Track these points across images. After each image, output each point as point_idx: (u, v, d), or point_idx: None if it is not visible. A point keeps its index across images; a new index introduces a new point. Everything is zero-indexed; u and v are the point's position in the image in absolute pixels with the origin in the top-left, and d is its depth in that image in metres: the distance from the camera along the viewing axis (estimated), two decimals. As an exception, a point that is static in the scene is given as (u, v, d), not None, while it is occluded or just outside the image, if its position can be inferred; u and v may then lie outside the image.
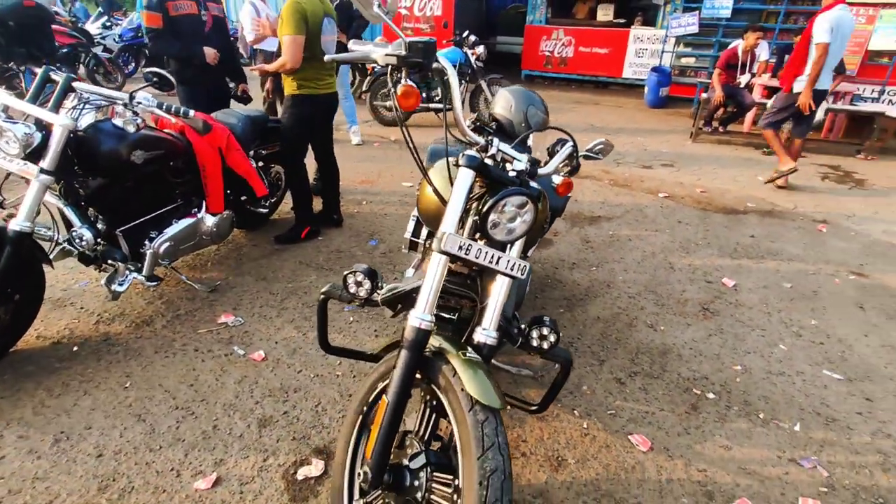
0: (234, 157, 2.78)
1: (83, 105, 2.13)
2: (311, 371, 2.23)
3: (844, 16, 4.53)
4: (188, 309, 2.63)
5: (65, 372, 2.15)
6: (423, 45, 1.28)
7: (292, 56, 2.88)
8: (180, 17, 3.16)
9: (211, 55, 3.20)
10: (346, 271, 1.56)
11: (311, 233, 3.45)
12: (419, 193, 1.65)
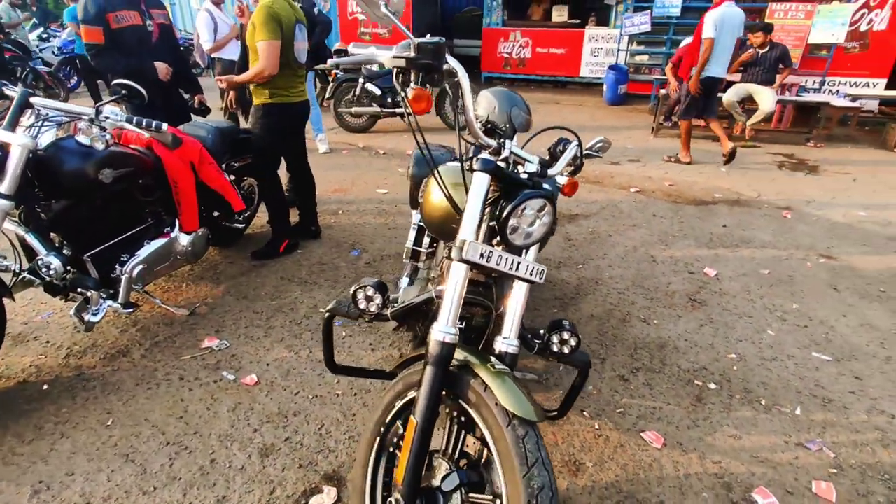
0: (208, 172, 2.63)
1: (41, 122, 1.96)
2: (309, 392, 2.12)
3: (730, 12, 5.12)
4: (167, 335, 2.47)
5: (35, 414, 1.97)
6: (433, 46, 1.22)
7: (271, 63, 2.76)
8: (123, 29, 2.87)
9: (163, 70, 2.98)
10: (355, 286, 1.48)
11: (290, 246, 3.32)
12: (423, 200, 1.59)
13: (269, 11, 2.69)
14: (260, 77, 2.79)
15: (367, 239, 3.59)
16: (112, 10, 2.74)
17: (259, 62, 2.77)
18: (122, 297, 2.20)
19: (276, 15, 2.71)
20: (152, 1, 2.98)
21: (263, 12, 2.69)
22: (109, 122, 1.93)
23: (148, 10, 2.93)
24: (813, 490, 1.69)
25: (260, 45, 2.74)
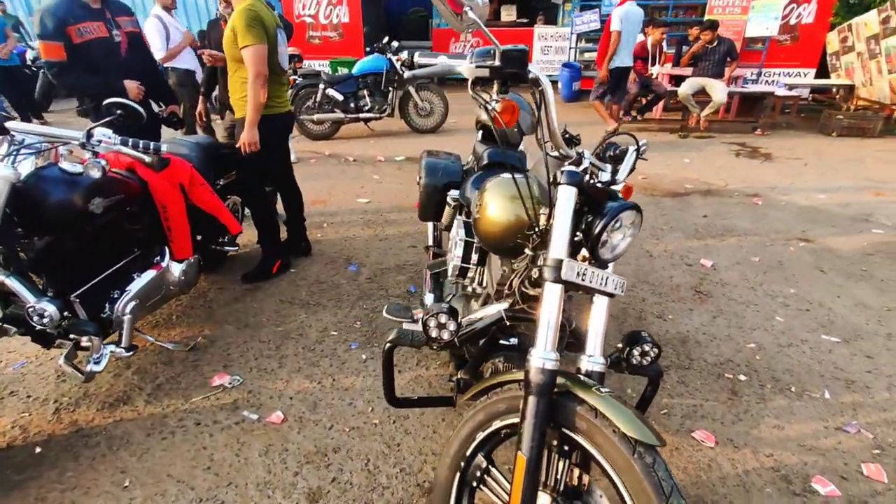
0: (200, 194, 2.42)
1: (17, 149, 1.71)
2: (344, 424, 1.98)
3: (632, 9, 6.11)
4: (168, 376, 2.24)
5: (33, 483, 1.72)
6: (518, 54, 1.14)
7: (263, 66, 2.56)
8: (88, 42, 2.58)
9: (134, 90, 2.69)
10: (424, 315, 1.38)
11: (283, 266, 3.13)
12: (479, 215, 1.50)
13: (252, 14, 2.49)
14: (262, 86, 2.58)
15: (360, 252, 3.44)
16: (74, 22, 2.43)
17: (250, 70, 2.55)
18: (126, 339, 1.96)
19: (259, 17, 2.51)
20: (117, 7, 2.69)
21: (245, 15, 2.48)
22: (103, 146, 1.71)
23: (114, 18, 2.64)
24: (864, 473, 1.75)
25: (246, 52, 2.53)
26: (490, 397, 1.33)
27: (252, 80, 2.58)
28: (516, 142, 2.56)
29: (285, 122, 2.96)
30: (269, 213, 3.04)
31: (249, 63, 2.56)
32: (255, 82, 2.58)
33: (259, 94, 2.61)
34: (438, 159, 2.48)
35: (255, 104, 2.62)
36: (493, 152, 2.38)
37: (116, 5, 2.70)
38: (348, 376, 2.25)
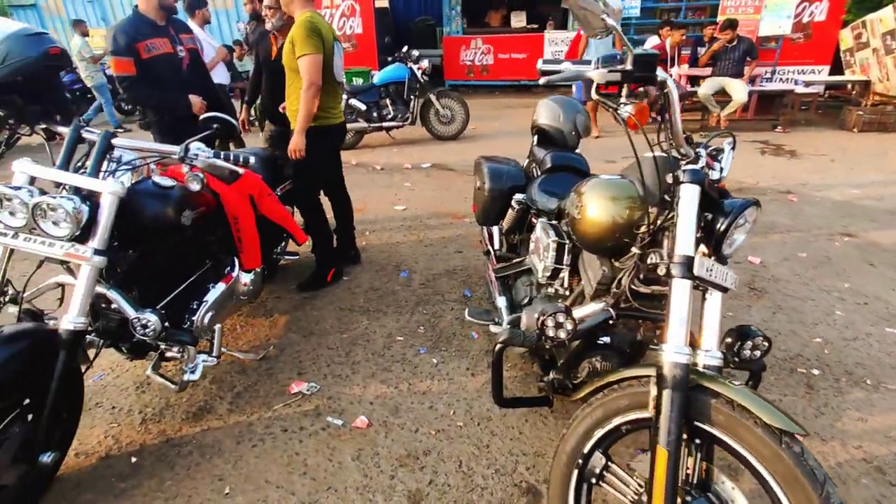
0: (268, 204, 2.46)
1: (117, 164, 1.75)
2: (429, 427, 2.00)
3: None
4: (245, 384, 2.27)
5: (136, 492, 1.75)
6: (650, 58, 1.18)
7: (318, 77, 2.61)
8: (154, 58, 2.73)
9: (198, 104, 2.80)
10: (541, 315, 1.40)
11: (336, 275, 3.16)
12: (579, 216, 1.53)
13: (311, 25, 2.54)
14: (315, 96, 2.63)
15: (408, 259, 3.47)
16: (142, 38, 2.54)
17: (305, 79, 2.59)
18: (217, 348, 2.00)
19: (318, 29, 2.57)
20: (180, 25, 2.77)
21: (305, 26, 2.54)
22: (200, 160, 1.75)
23: (177, 35, 2.72)
24: (958, 462, 1.76)
25: (302, 61, 2.58)
26: (607, 394, 1.35)
27: (305, 88, 2.62)
28: (574, 144, 2.59)
29: (339, 133, 3.01)
30: (323, 222, 3.08)
31: (304, 72, 2.60)
32: (307, 91, 2.63)
33: (311, 104, 2.66)
34: (500, 165, 2.52)
35: (306, 113, 2.67)
36: (555, 155, 2.41)
37: (179, 23, 2.79)
38: (423, 380, 2.27)
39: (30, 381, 1.56)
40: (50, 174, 1.58)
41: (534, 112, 2.70)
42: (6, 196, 1.49)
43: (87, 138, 1.70)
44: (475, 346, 2.50)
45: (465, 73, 11.49)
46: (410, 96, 6.84)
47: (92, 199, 1.61)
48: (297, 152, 2.73)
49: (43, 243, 1.55)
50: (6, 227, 1.54)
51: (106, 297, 1.76)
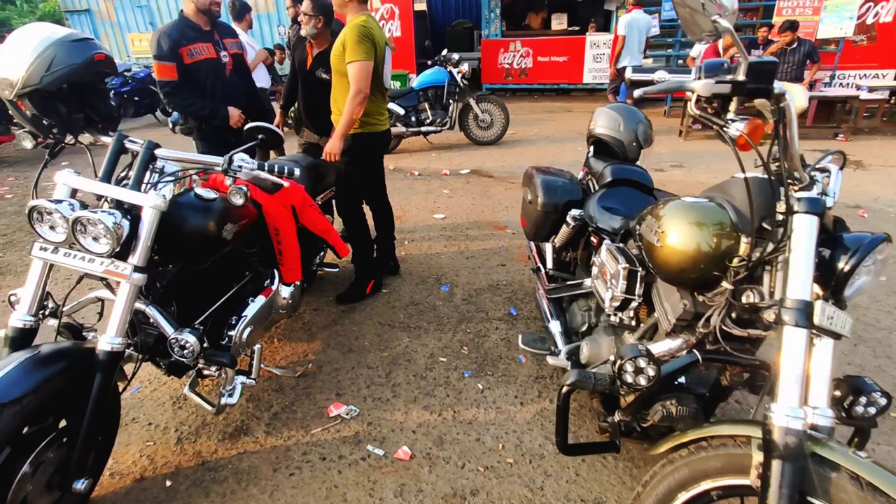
0: (310, 215, 2.36)
1: (159, 175, 1.67)
2: (476, 463, 1.85)
3: (638, 16, 7.03)
4: (283, 404, 2.18)
5: (170, 520, 1.67)
6: (769, 67, 1.01)
7: (367, 84, 2.51)
8: (196, 63, 2.71)
9: (235, 116, 2.76)
10: (619, 359, 1.24)
11: (375, 286, 3.05)
12: (659, 244, 1.36)
13: (363, 30, 2.44)
14: (360, 104, 2.53)
15: (449, 271, 3.34)
16: (186, 43, 2.50)
17: (353, 86, 2.49)
18: (255, 370, 1.91)
19: (371, 34, 2.46)
20: (225, 30, 2.72)
21: (357, 31, 2.43)
22: (244, 172, 1.66)
23: (221, 39, 2.67)
24: None
25: (353, 67, 2.48)
26: (694, 451, 1.18)
27: (352, 95, 2.52)
28: (635, 156, 2.40)
29: (384, 140, 2.90)
30: (364, 231, 2.98)
31: (353, 79, 2.50)
32: (354, 98, 2.52)
33: (355, 111, 2.56)
34: (554, 177, 2.35)
35: (349, 119, 2.57)
36: (616, 168, 2.23)
37: (224, 28, 2.75)
38: (468, 408, 2.13)
39: (66, 403, 1.49)
40: (92, 186, 1.51)
41: (590, 120, 2.53)
42: (46, 210, 1.42)
43: (130, 149, 1.62)
44: (522, 371, 2.34)
45: (504, 76, 11.32)
46: (449, 100, 6.73)
47: (133, 213, 1.54)
48: (333, 156, 2.63)
49: (83, 259, 1.48)
50: (46, 242, 1.48)
51: (145, 312, 1.69)
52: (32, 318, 1.53)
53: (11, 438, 1.32)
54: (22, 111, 1.52)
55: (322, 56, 3.15)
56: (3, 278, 3.37)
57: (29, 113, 1.52)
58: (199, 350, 1.64)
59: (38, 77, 1.46)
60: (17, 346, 1.50)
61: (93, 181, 1.53)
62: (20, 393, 1.30)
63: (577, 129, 7.70)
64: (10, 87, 1.47)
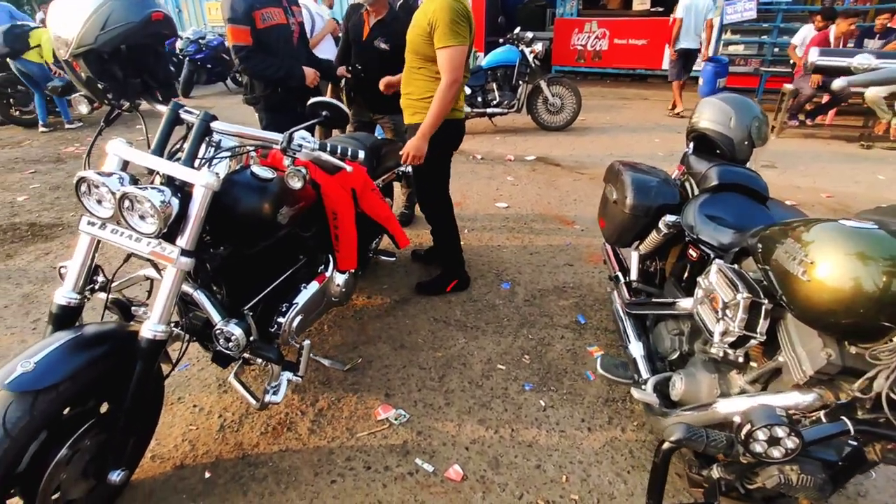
0: (371, 200, 2.19)
1: (214, 150, 1.54)
2: (536, 494, 1.65)
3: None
4: (329, 400, 2.05)
5: (206, 517, 1.57)
6: None
7: (461, 72, 2.25)
8: (269, 28, 2.60)
9: (311, 75, 2.64)
10: (747, 424, 0.98)
11: (458, 286, 2.82)
12: (807, 277, 1.07)
13: (460, 9, 2.16)
14: (456, 94, 2.28)
15: (510, 267, 3.10)
16: (259, 7, 2.42)
17: (447, 73, 2.22)
18: (303, 368, 1.77)
19: (468, 13, 2.19)
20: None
21: (452, 11, 2.14)
22: (304, 152, 1.50)
23: (290, 6, 2.54)
24: None
25: (446, 53, 2.19)
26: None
27: (447, 85, 2.24)
28: (745, 157, 2.06)
29: (462, 130, 2.63)
30: (451, 226, 2.76)
31: (447, 67, 2.21)
32: (450, 88, 2.24)
33: (449, 103, 2.29)
34: (647, 175, 2.05)
35: (441, 111, 2.28)
36: (725, 171, 1.91)
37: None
38: (528, 427, 1.91)
39: (108, 386, 1.40)
40: (143, 159, 1.39)
41: (693, 113, 2.19)
42: (94, 182, 1.31)
43: (186, 120, 1.49)
44: (591, 390, 2.10)
45: (576, 58, 10.74)
46: (519, 81, 6.37)
47: (184, 190, 1.40)
48: (417, 158, 2.38)
49: (129, 237, 1.37)
50: (93, 217, 1.38)
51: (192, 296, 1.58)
52: (77, 296, 1.44)
53: (48, 424, 1.24)
54: (77, 73, 1.42)
55: (381, 24, 2.95)
56: (72, 237, 3.45)
57: (84, 75, 1.41)
58: (245, 343, 1.51)
59: (92, 36, 1.33)
60: (60, 324, 1.43)
61: (144, 153, 1.40)
62: (57, 379, 1.21)
63: (653, 119, 7.17)
64: (66, 47, 1.36)
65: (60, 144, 5.78)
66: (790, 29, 7.79)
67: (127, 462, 1.46)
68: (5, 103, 6.34)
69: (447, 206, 2.74)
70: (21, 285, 2.85)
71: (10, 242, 3.36)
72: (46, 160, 5.18)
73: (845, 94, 5.85)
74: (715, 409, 1.34)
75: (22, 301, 2.70)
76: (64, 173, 4.78)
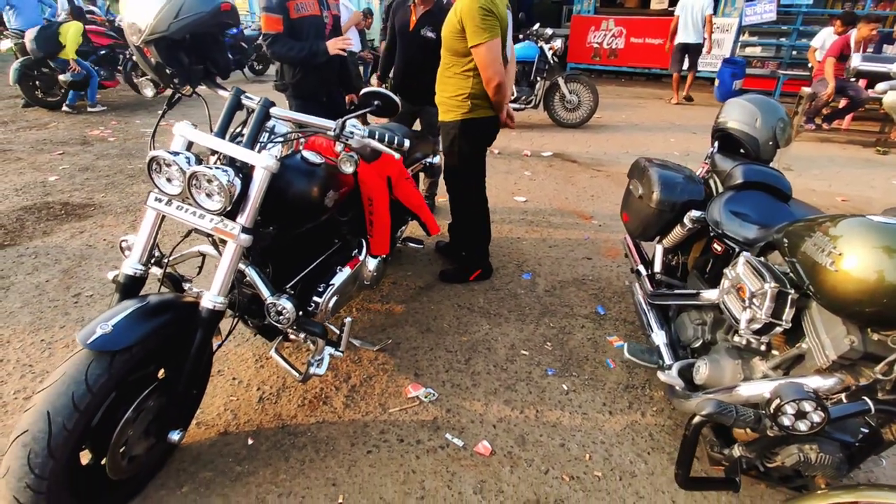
0: (405, 188, 2.28)
1: (268, 135, 1.63)
2: (560, 470, 1.74)
3: None
4: (361, 377, 2.15)
5: (252, 480, 1.67)
6: None
7: (500, 68, 2.31)
8: (303, 19, 2.69)
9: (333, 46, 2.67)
10: (778, 398, 1.07)
11: (481, 276, 2.91)
12: (835, 267, 1.15)
13: (483, 3, 2.20)
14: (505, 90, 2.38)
15: (530, 259, 3.19)
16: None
17: (485, 71, 2.29)
18: (344, 342, 1.87)
19: (490, 7, 2.26)
20: None
21: (477, 8, 2.19)
22: (356, 139, 1.59)
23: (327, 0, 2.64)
24: None
25: (479, 51, 2.25)
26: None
27: (490, 82, 2.32)
28: (769, 157, 2.13)
29: (496, 126, 2.68)
30: (484, 217, 2.84)
31: (484, 63, 2.28)
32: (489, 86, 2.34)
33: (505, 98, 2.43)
34: (673, 172, 2.13)
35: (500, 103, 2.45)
36: (750, 169, 1.98)
37: None
38: (552, 409, 2.01)
39: (167, 353, 1.50)
40: (208, 141, 1.48)
41: (719, 112, 2.26)
42: (165, 161, 1.40)
43: (246, 105, 1.58)
44: (611, 377, 2.19)
45: (591, 56, 10.76)
46: (537, 77, 6.44)
47: (244, 172, 1.50)
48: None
49: (193, 214, 1.46)
50: (161, 194, 1.47)
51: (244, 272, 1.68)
52: (143, 268, 1.54)
53: (119, 385, 1.34)
54: (147, 58, 1.51)
55: (428, 14, 3.01)
56: (104, 217, 3.56)
57: (154, 61, 1.50)
58: (295, 317, 1.61)
59: (166, 24, 1.42)
60: (126, 293, 1.52)
61: (209, 136, 1.50)
62: (130, 342, 1.31)
63: (668, 119, 7.21)
64: (139, 33, 1.45)
65: (85, 127, 5.89)
66: (809, 32, 7.80)
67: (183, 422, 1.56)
68: (31, 85, 6.46)
69: (480, 202, 2.80)
70: (59, 261, 2.96)
71: (45, 220, 3.48)
72: (73, 142, 5.29)
73: (863, 99, 5.87)
74: (738, 391, 1.43)
75: (62, 276, 2.81)
76: (91, 155, 4.89)
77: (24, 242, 3.16)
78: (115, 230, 3.36)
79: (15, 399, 1.96)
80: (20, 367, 2.12)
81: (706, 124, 7.00)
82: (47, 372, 2.10)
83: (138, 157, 4.87)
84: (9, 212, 3.57)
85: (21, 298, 2.58)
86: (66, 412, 1.20)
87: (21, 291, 2.64)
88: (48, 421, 1.19)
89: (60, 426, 1.19)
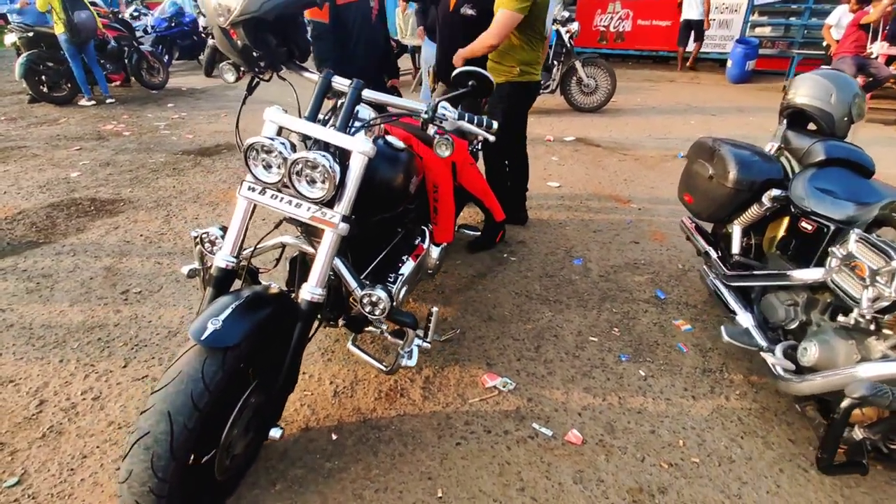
0: (470, 175, 2.23)
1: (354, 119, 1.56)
2: (657, 457, 1.71)
3: None
4: (433, 368, 2.11)
5: (345, 477, 1.63)
6: None
7: (503, 36, 2.45)
8: (348, 6, 2.58)
9: None
10: None
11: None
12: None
13: None
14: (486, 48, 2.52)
15: (578, 244, 3.14)
16: None
17: (489, 31, 2.44)
18: (431, 333, 1.82)
19: None
20: None
21: None
22: (448, 122, 1.52)
23: (372, -16, 2.56)
24: None
25: (499, 14, 2.40)
26: None
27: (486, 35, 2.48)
28: (843, 133, 2.09)
29: (537, 90, 2.76)
30: (504, 181, 2.97)
31: (494, 24, 2.45)
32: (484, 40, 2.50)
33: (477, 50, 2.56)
34: (747, 151, 2.08)
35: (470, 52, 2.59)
36: (832, 146, 1.94)
37: None
38: (634, 395, 1.97)
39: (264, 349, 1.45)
40: (301, 126, 1.41)
41: (789, 87, 2.21)
42: (265, 149, 1.34)
43: (336, 88, 1.51)
44: (686, 361, 2.16)
45: (598, 39, 10.63)
46: (555, 62, 6.36)
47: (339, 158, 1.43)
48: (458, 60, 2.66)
49: (289, 203, 1.40)
50: (256, 182, 1.41)
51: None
52: (235, 259, 1.48)
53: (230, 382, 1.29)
54: (233, 41, 1.43)
55: None
56: (136, 212, 3.47)
57: (240, 43, 1.42)
58: (390, 308, 1.55)
59: (257, 4, 1.35)
60: (219, 287, 1.47)
61: (302, 121, 1.43)
62: (239, 338, 1.26)
63: (684, 101, 7.14)
64: (227, 13, 1.37)
65: (97, 122, 5.76)
66: (821, 10, 7.73)
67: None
68: (36, 80, 6.30)
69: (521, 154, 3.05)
70: (100, 258, 2.89)
71: (76, 217, 3.39)
72: (88, 137, 5.17)
73: (884, 77, 5.83)
74: (855, 372, 1.39)
75: (106, 273, 2.73)
76: (109, 150, 4.78)
77: (59, 240, 3.08)
78: (149, 225, 3.29)
79: (83, 400, 1.91)
80: (82, 367, 2.06)
81: (721, 106, 6.98)
82: (110, 371, 2.05)
83: (157, 151, 4.76)
84: (37, 209, 3.48)
85: (69, 297, 2.51)
86: (186, 411, 1.15)
87: (67, 290, 2.57)
88: (169, 421, 1.13)
89: (182, 426, 1.14)
